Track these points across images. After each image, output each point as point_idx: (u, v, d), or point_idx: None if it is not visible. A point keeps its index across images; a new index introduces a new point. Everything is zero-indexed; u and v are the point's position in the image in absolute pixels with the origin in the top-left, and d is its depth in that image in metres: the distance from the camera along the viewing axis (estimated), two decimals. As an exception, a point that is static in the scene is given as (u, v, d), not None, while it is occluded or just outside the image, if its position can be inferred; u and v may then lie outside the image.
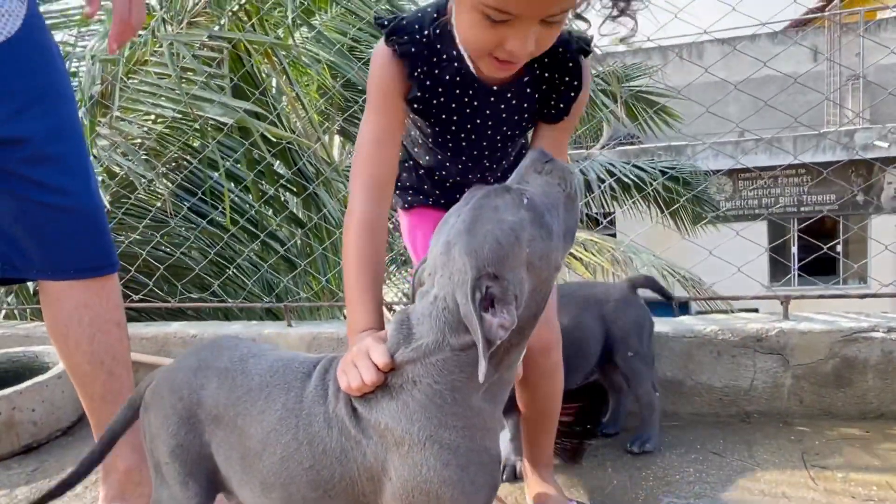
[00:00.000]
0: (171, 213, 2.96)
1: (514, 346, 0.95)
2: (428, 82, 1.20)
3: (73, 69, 4.21)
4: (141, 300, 2.95)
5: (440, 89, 1.21)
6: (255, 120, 2.83)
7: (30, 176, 1.31)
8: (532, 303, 0.93)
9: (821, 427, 1.90)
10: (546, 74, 1.24)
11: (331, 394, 1.00)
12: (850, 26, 9.49)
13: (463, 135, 1.29)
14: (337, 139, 6.31)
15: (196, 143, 3.49)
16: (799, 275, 9.04)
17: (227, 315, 3.69)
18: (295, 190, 3.57)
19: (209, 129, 3.02)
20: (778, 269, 9.65)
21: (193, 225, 3.45)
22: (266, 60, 3.25)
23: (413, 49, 1.16)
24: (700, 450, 1.83)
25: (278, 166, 3.56)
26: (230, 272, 3.35)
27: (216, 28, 2.90)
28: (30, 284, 3.05)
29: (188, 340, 2.54)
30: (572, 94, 1.24)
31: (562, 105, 1.25)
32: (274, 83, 3.76)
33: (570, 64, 1.21)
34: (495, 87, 1.22)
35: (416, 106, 1.23)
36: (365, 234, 1.15)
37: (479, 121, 1.26)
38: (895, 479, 1.63)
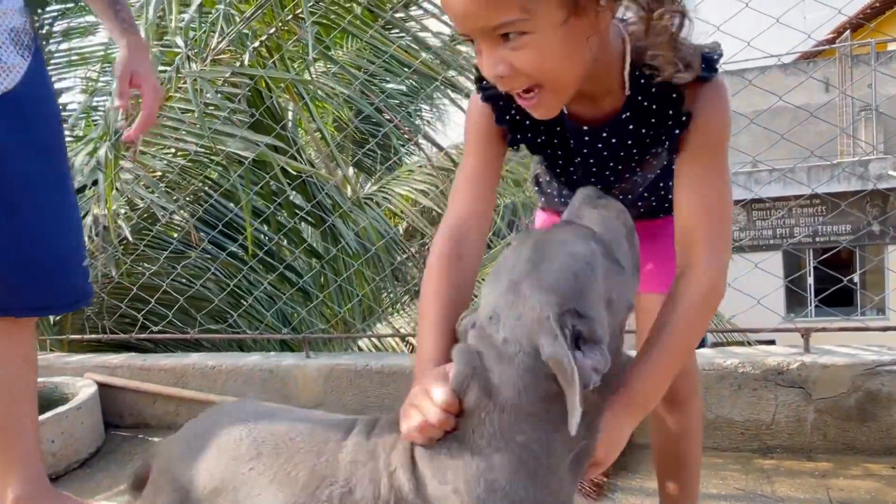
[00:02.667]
0: (196, 243, 2.99)
1: (601, 402, 0.86)
2: (522, 125, 1.14)
3: (95, 104, 4.33)
4: (160, 332, 2.97)
5: (534, 132, 1.16)
6: (275, 153, 2.88)
7: None
8: (612, 345, 0.84)
9: (845, 462, 1.88)
10: (651, 106, 1.07)
11: (381, 452, 0.86)
12: (861, 58, 9.54)
13: (572, 169, 1.22)
14: (352, 171, 6.38)
15: (215, 176, 3.55)
16: (816, 306, 8.96)
17: (242, 347, 3.71)
18: (313, 222, 3.60)
19: (230, 162, 3.08)
20: (794, 301, 9.57)
21: (211, 256, 3.49)
22: (286, 94, 3.32)
23: (496, 93, 1.07)
24: (722, 485, 1.81)
25: (295, 197, 3.61)
26: (247, 304, 3.38)
27: (238, 65, 2.96)
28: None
29: (207, 372, 2.55)
30: (677, 128, 1.05)
31: (671, 135, 1.07)
32: (290, 116, 3.83)
33: (674, 95, 1.03)
34: (585, 128, 1.12)
35: (518, 147, 1.19)
36: (440, 268, 1.10)
37: (579, 159, 1.18)
38: (923, 517, 1.61)
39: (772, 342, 2.57)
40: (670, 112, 1.05)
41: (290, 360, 2.50)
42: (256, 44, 3.04)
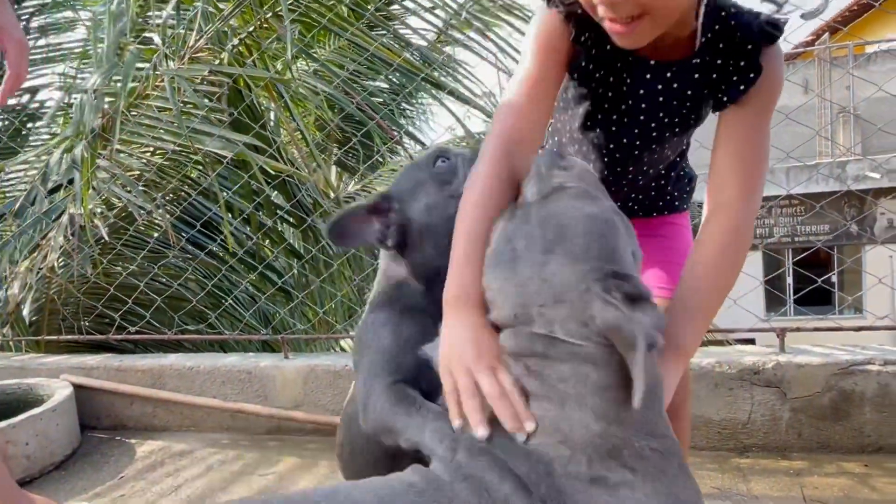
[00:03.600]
0: (174, 243, 2.96)
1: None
2: (594, 51, 1.10)
3: (72, 100, 4.27)
4: (137, 332, 2.94)
5: (601, 60, 1.11)
6: (254, 153, 2.86)
7: None
8: None
9: (819, 461, 1.90)
10: (719, 61, 1.07)
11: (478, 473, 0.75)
12: (839, 60, 9.66)
13: (615, 117, 1.17)
14: (334, 170, 6.35)
15: (194, 175, 3.51)
16: (795, 306, 9.06)
17: (223, 347, 3.67)
18: (293, 222, 3.58)
19: (209, 161, 3.05)
20: (773, 301, 9.67)
21: (190, 256, 3.46)
22: (266, 93, 3.29)
23: (579, 11, 1.03)
24: (699, 484, 1.82)
25: (276, 196, 3.58)
26: (227, 304, 3.35)
27: (216, 63, 2.94)
28: (25, 315, 3.05)
29: (184, 373, 2.53)
30: (745, 82, 1.06)
31: (731, 92, 1.07)
32: (272, 115, 3.80)
33: (749, 46, 1.04)
34: (652, 62, 1.09)
35: (576, 76, 1.15)
36: (487, 191, 0.98)
37: (631, 101, 1.14)
38: (895, 514, 1.63)
39: (752, 341, 2.60)
40: (742, 64, 1.05)
41: (269, 361, 2.48)
42: (235, 42, 3.01)
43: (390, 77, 5.08)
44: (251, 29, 3.09)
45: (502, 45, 3.32)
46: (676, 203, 1.36)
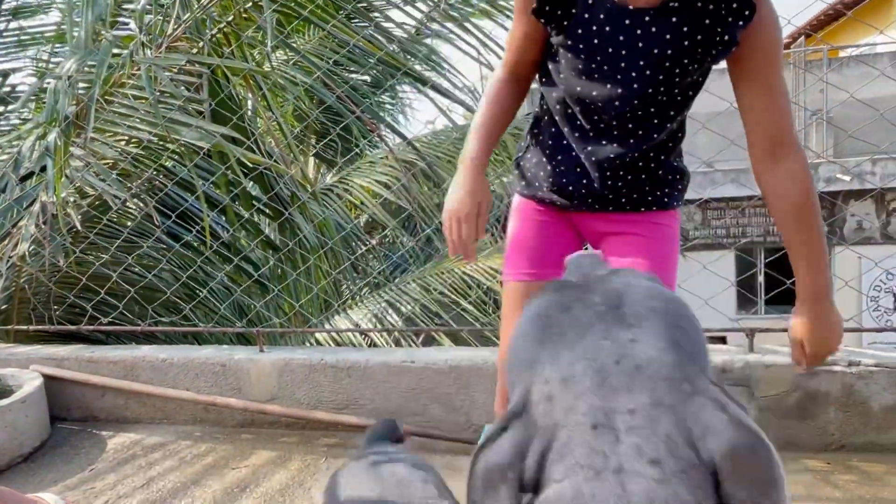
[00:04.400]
0: (157, 225, 2.92)
1: None
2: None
3: (45, 86, 4.19)
4: (110, 323, 2.91)
5: (573, 8, 1.15)
6: (232, 144, 2.83)
7: None
8: None
9: (784, 458, 1.92)
10: (699, 3, 1.08)
11: None
12: (814, 63, 9.81)
13: (594, 66, 1.17)
14: (312, 162, 6.32)
15: (170, 164, 3.47)
16: (767, 303, 9.24)
17: (198, 339, 3.65)
18: (270, 214, 3.56)
19: (185, 151, 3.02)
20: (744, 300, 9.84)
21: (165, 247, 3.42)
22: (244, 84, 3.27)
23: None
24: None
25: (252, 188, 3.56)
26: (202, 295, 3.33)
27: (195, 52, 2.90)
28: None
29: (157, 365, 2.51)
30: (742, 19, 1.07)
31: (731, 30, 1.08)
32: (250, 105, 3.77)
33: None
34: (631, 7, 1.10)
35: (554, 27, 1.18)
36: (493, 89, 1.33)
37: (611, 49, 1.14)
38: (855, 511, 1.68)
39: (723, 339, 2.65)
40: (733, 6, 1.07)
41: (244, 354, 2.47)
42: (214, 31, 2.98)
43: (371, 70, 5.06)
44: (230, 18, 3.05)
45: (484, 41, 3.33)
46: (667, 199, 1.33)
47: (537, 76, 1.33)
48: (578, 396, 0.54)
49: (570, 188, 1.33)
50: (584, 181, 1.31)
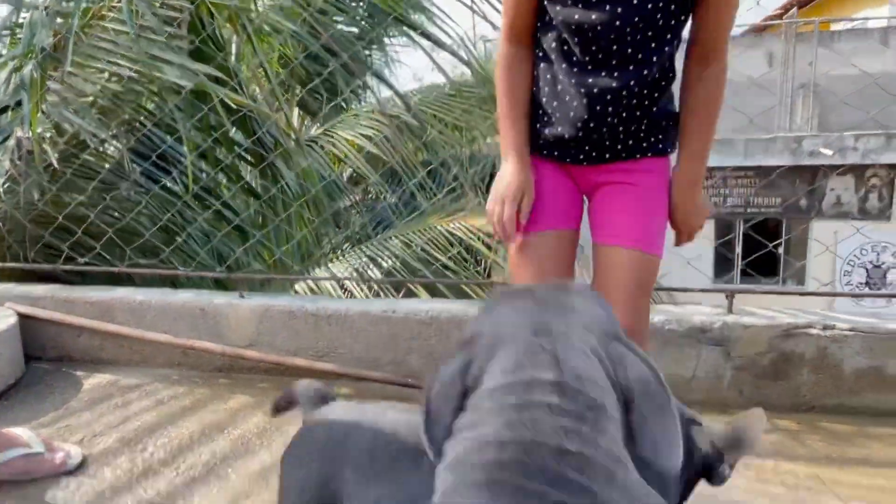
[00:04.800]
0: (129, 171, 2.86)
1: None
2: None
3: (21, 19, 4.03)
4: (87, 264, 2.86)
5: None
6: (215, 84, 2.76)
7: None
8: None
9: (756, 417, 1.98)
10: None
11: None
12: (805, 35, 9.77)
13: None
14: (297, 112, 6.21)
15: (151, 105, 3.38)
16: (742, 273, 9.35)
17: (175, 285, 3.61)
18: (252, 160, 3.50)
19: (167, 91, 2.93)
20: (721, 268, 9.95)
21: (143, 189, 3.36)
22: (229, 24, 3.17)
23: None
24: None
25: (235, 133, 3.49)
26: (180, 241, 3.27)
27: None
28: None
29: (135, 307, 2.48)
30: None
31: None
32: (234, 48, 3.67)
33: None
34: None
35: None
36: (506, 71, 1.37)
37: None
38: (821, 470, 1.72)
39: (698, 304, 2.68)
40: None
41: (224, 299, 2.45)
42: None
43: (359, 22, 4.95)
44: (216, -46, 2.94)
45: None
46: (661, 145, 1.35)
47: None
48: (517, 325, 0.71)
49: (567, 136, 1.33)
50: (580, 125, 1.31)
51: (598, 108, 1.28)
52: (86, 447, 1.85)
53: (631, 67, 1.25)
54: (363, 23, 5.09)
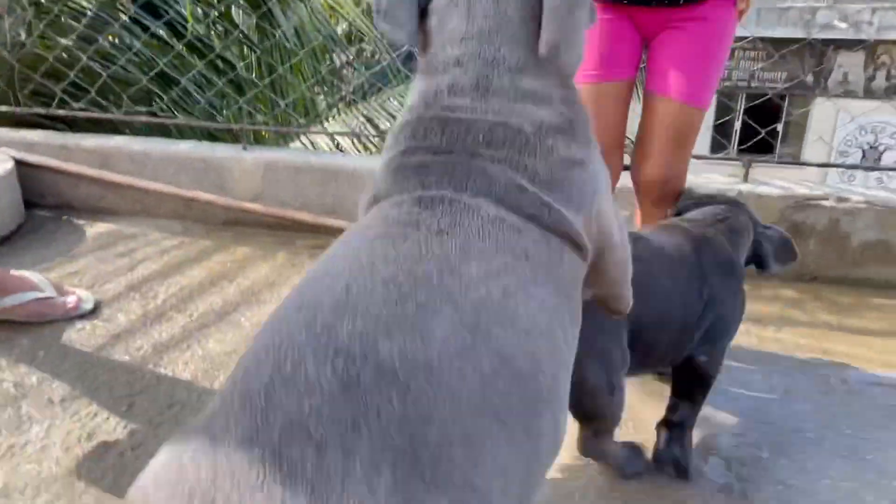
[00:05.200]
0: (125, 5, 2.66)
1: None
2: None
3: None
4: (82, 109, 2.74)
5: None
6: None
7: None
8: None
9: (759, 286, 2.01)
10: None
11: None
12: None
13: None
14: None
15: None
16: (738, 153, 9.27)
17: (170, 135, 3.50)
18: (247, 7, 3.30)
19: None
20: (718, 146, 9.86)
21: (135, 35, 3.17)
22: None
23: None
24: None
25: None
26: (175, 93, 3.13)
27: None
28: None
29: (135, 156, 2.42)
30: None
31: None
32: None
33: None
34: None
35: None
36: None
37: None
38: (820, 335, 1.77)
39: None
40: None
41: (227, 152, 2.38)
42: None
43: None
44: None
45: None
46: None
47: None
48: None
49: None
50: None
51: None
52: (95, 293, 1.85)
53: None
54: None
